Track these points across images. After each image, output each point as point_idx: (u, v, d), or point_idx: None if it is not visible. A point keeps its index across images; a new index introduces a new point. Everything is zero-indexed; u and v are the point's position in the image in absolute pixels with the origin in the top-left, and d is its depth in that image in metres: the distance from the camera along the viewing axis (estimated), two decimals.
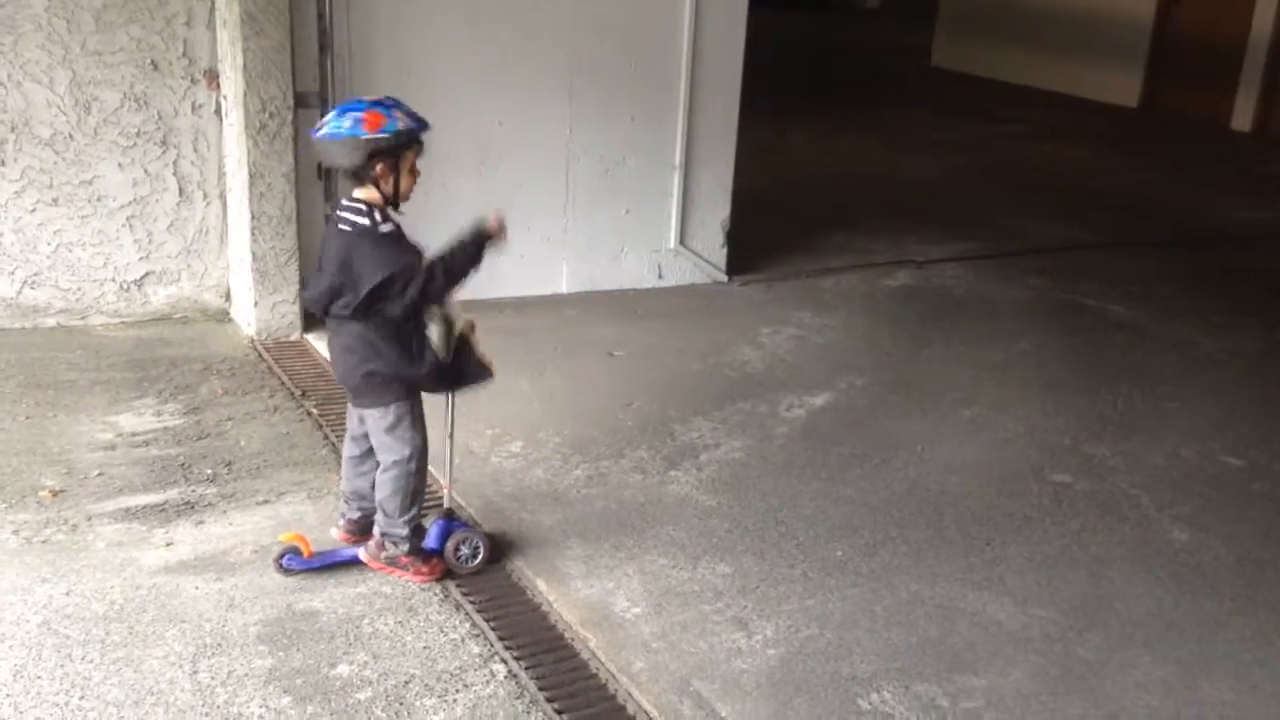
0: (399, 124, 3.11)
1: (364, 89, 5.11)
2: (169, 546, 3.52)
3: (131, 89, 5.01)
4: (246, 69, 4.88)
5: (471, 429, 4.28)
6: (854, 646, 3.23)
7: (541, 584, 3.44)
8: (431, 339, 3.20)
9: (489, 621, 3.24)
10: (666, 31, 5.83)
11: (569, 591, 3.41)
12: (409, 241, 3.20)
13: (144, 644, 3.05)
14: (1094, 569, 3.69)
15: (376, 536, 3.39)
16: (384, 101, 3.14)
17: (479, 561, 3.45)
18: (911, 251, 7.09)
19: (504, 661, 3.08)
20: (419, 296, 3.14)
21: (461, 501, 3.80)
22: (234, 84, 4.97)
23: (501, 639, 3.16)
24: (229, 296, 5.42)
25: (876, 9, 23.82)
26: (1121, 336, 5.86)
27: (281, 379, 4.76)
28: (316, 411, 4.45)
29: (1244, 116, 11.94)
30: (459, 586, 3.38)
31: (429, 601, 3.31)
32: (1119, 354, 5.61)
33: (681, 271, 6.24)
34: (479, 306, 3.46)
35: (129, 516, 3.67)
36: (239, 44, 4.86)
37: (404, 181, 3.19)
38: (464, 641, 3.15)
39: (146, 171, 5.12)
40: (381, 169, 3.13)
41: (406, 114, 3.14)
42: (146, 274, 5.25)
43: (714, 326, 5.68)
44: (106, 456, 4.04)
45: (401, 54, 5.30)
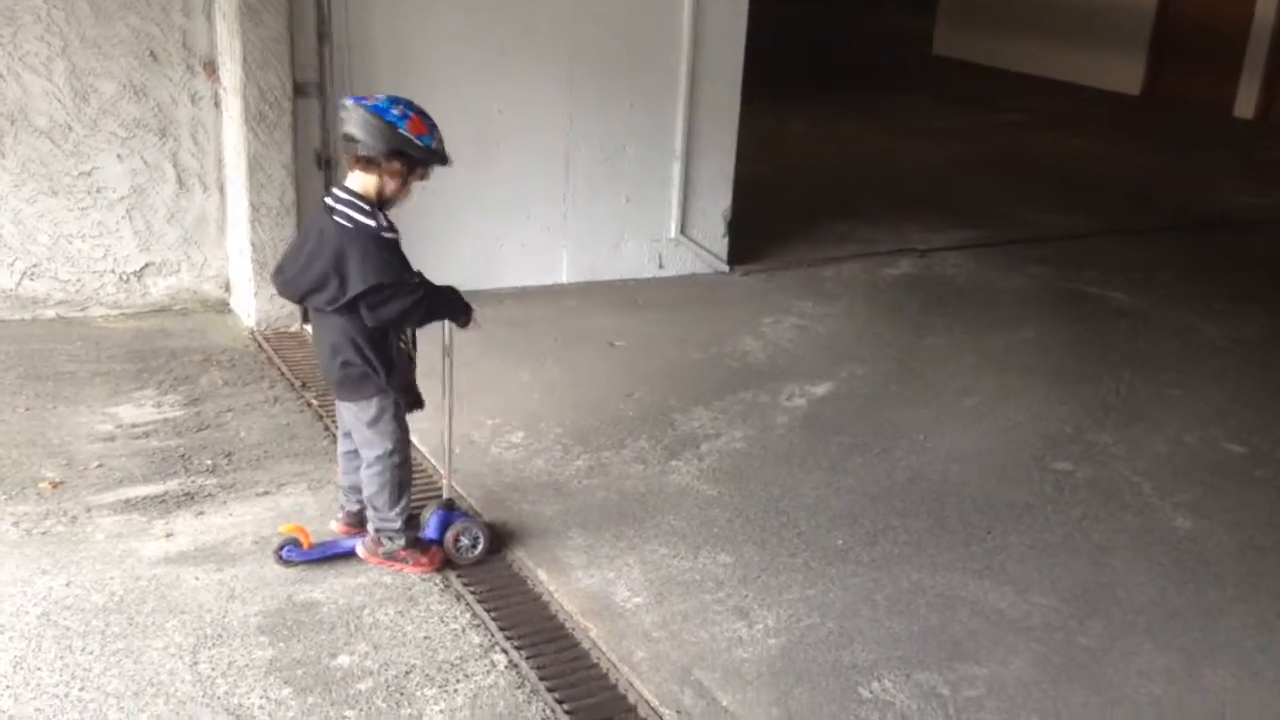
0: (434, 144, 3.14)
1: (363, 78, 5.11)
2: (169, 538, 3.51)
3: (130, 79, 4.99)
4: (245, 59, 4.86)
5: (472, 419, 4.27)
6: (855, 635, 3.22)
7: (542, 574, 3.44)
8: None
9: (490, 611, 3.23)
10: (667, 18, 5.81)
11: (570, 581, 3.41)
12: (405, 257, 3.18)
13: (144, 635, 3.05)
14: (1096, 557, 3.69)
15: (371, 533, 3.38)
16: (432, 119, 3.15)
17: (479, 552, 3.44)
18: (913, 240, 7.07)
19: (505, 651, 3.08)
20: (400, 315, 3.14)
21: (462, 492, 3.80)
22: (233, 74, 4.95)
23: (502, 629, 3.16)
24: (228, 287, 5.41)
25: None
26: (1124, 324, 5.85)
27: (281, 370, 4.75)
28: (316, 402, 4.44)
29: (1247, 103, 11.91)
30: (459, 577, 3.38)
31: (429, 592, 3.31)
32: (1121, 341, 5.60)
33: (682, 261, 6.23)
34: (480, 297, 3.44)
35: (129, 508, 3.66)
36: (237, 34, 4.84)
37: (401, 192, 3.19)
38: (465, 631, 3.15)
39: (145, 162, 5.11)
40: (396, 167, 3.12)
41: (441, 143, 3.17)
42: (146, 265, 5.24)
43: (715, 316, 5.67)
44: (106, 448, 4.04)
45: (401, 42, 5.28)
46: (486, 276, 5.63)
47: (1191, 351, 5.52)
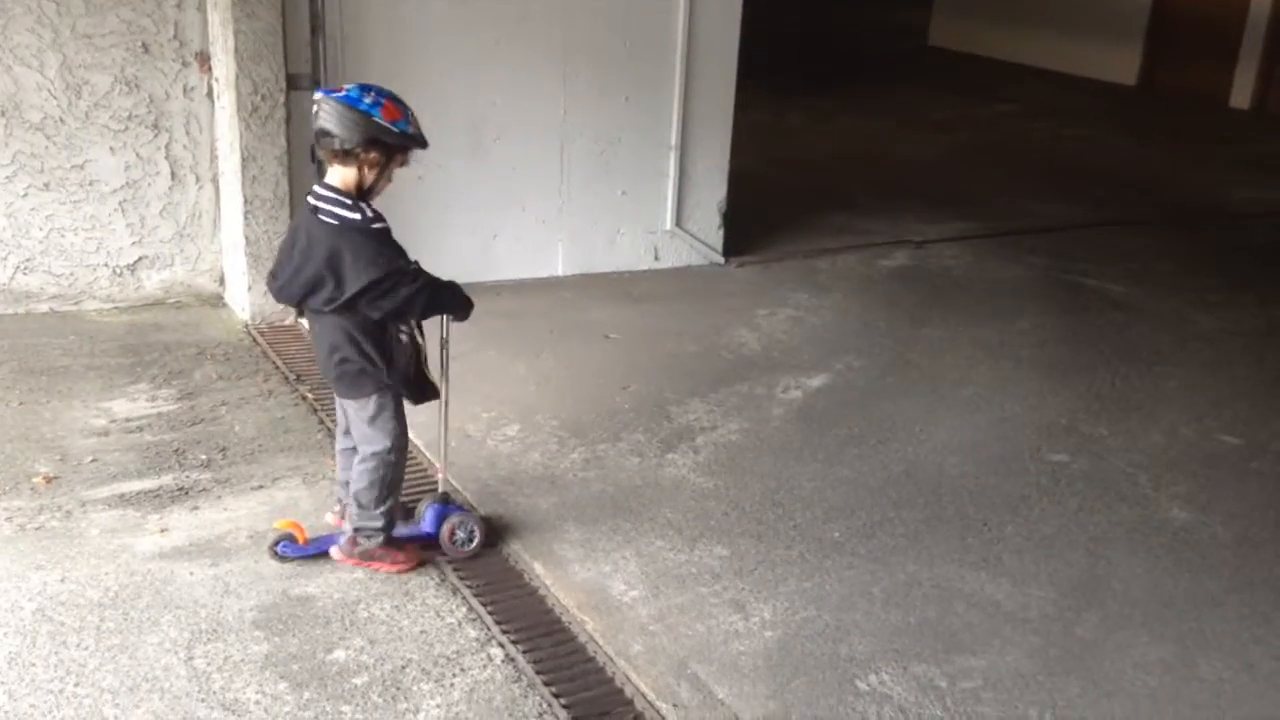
0: (410, 128, 3.09)
1: (357, 70, 5.09)
2: (163, 532, 3.50)
3: (122, 72, 4.97)
4: (238, 51, 4.84)
5: (467, 412, 4.26)
6: (852, 628, 3.22)
7: (538, 567, 3.43)
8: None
9: (486, 605, 3.23)
10: (662, 10, 5.79)
11: (566, 575, 3.40)
12: (397, 244, 3.15)
13: (139, 630, 3.04)
14: (1092, 548, 3.69)
15: (349, 532, 3.34)
16: (404, 103, 3.11)
17: (475, 545, 3.43)
18: (909, 231, 7.06)
19: (501, 645, 3.07)
20: (403, 305, 3.11)
21: (457, 485, 3.79)
22: (226, 66, 4.93)
23: (498, 623, 3.15)
24: (222, 281, 5.39)
25: None
26: (1120, 315, 5.84)
27: (276, 363, 4.74)
28: (311, 396, 4.43)
29: (1243, 94, 11.90)
30: (455, 570, 3.37)
31: (425, 586, 3.30)
32: (1117, 333, 5.60)
33: (678, 253, 6.22)
34: (476, 289, 3.43)
35: (123, 502, 3.65)
36: (230, 26, 4.82)
37: (382, 180, 3.15)
38: (461, 625, 3.14)
39: (138, 155, 5.09)
40: (374, 157, 3.09)
41: (417, 126, 3.12)
42: (139, 259, 5.22)
43: (710, 308, 5.66)
44: (100, 442, 4.03)
45: (395, 34, 5.26)
46: (482, 269, 5.62)
47: (1187, 343, 5.52)
